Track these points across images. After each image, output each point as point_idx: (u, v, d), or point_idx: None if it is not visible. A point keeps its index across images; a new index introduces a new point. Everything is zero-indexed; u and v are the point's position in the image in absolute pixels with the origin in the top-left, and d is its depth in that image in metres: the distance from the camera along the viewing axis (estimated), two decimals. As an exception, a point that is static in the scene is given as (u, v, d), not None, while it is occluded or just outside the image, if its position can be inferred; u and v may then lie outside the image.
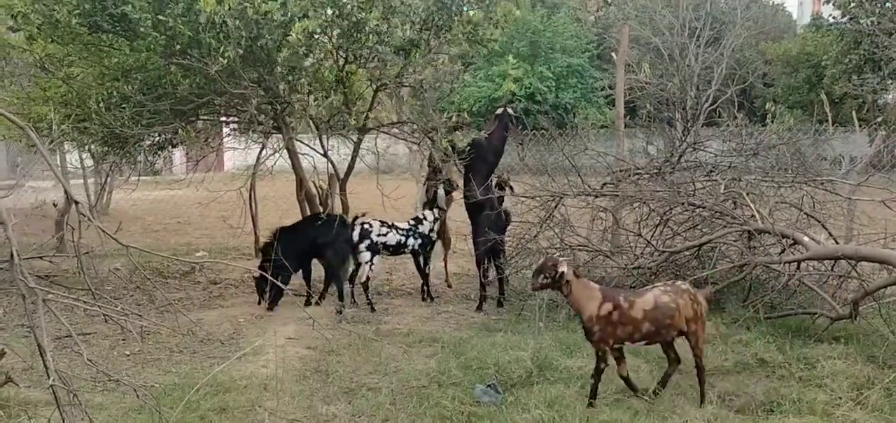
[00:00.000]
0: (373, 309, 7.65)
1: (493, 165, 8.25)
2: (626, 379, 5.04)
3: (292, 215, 8.61)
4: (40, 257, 5.72)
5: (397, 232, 7.98)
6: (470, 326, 7.13)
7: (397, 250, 8.06)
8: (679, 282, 5.15)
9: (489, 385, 5.15)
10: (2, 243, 4.05)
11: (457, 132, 8.04)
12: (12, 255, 3.20)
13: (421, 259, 8.26)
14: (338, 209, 8.73)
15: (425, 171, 9.18)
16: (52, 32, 7.05)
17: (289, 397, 5.13)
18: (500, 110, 8.50)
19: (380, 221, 8.04)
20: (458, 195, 8.33)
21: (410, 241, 8.06)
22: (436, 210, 8.27)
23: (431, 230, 8.21)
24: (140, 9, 6.35)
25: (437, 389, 5.16)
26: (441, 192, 8.32)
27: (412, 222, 8.17)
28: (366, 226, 7.83)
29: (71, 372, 4.98)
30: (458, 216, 8.61)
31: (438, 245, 8.56)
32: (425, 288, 8.30)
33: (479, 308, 7.75)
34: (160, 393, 4.97)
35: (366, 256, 7.77)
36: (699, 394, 4.98)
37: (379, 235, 7.85)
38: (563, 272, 4.79)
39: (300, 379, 5.51)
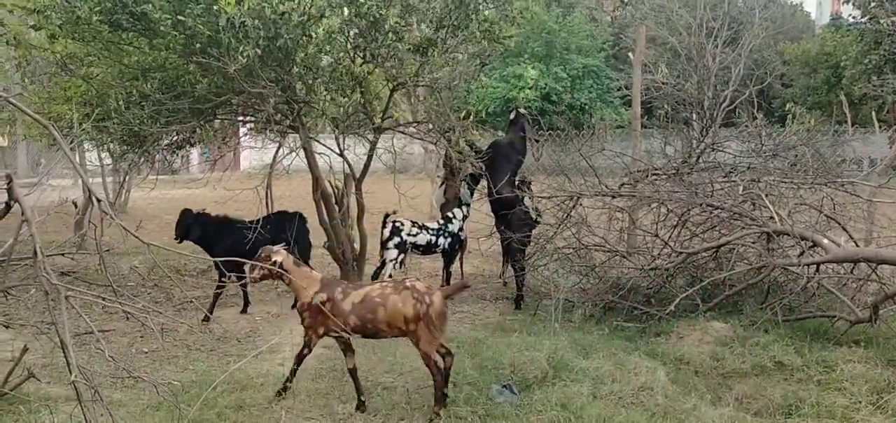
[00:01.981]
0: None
1: (517, 165, 8.27)
2: (352, 373, 5.03)
3: (309, 214, 8.63)
4: (62, 254, 5.79)
5: (428, 232, 7.99)
6: (485, 326, 7.13)
7: (428, 249, 8.07)
8: (411, 280, 5.04)
9: (505, 386, 5.14)
10: (24, 240, 4.10)
11: (474, 133, 8.04)
12: (36, 251, 3.24)
13: (449, 258, 8.26)
14: (353, 209, 8.75)
15: (441, 171, 9.20)
16: (73, 30, 7.11)
17: (305, 395, 5.15)
18: (513, 116, 8.53)
19: (411, 221, 8.05)
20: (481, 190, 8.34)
21: (441, 240, 8.06)
22: (463, 208, 8.26)
23: (461, 229, 8.21)
24: (160, 8, 6.40)
25: (453, 389, 5.16)
26: (465, 190, 8.32)
27: (442, 222, 8.17)
28: (397, 224, 7.83)
29: (90, 368, 5.03)
30: (473, 216, 8.60)
31: None
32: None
33: (518, 306, 7.75)
34: (178, 390, 5.01)
35: (393, 253, 7.78)
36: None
37: (409, 234, 7.85)
38: (278, 261, 4.91)
39: (316, 378, 5.54)
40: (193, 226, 7.52)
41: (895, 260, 6.04)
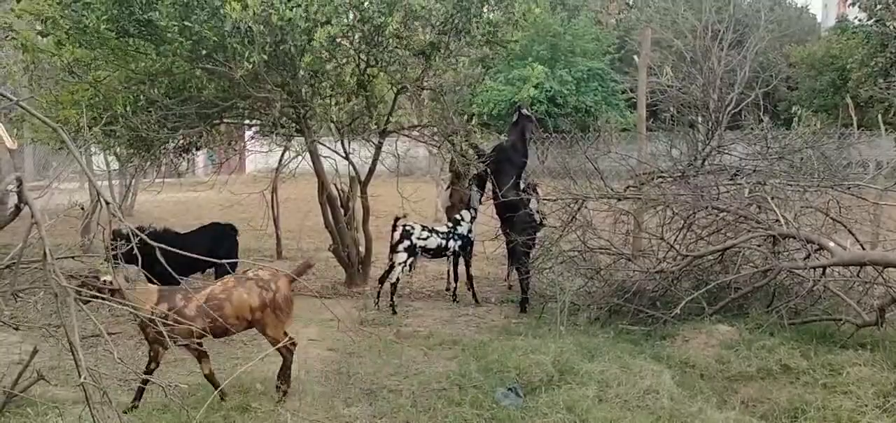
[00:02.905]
0: (394, 312, 7.68)
1: (521, 167, 8.28)
2: (209, 378, 5.02)
3: (314, 217, 8.67)
4: (72, 257, 5.83)
5: (438, 236, 8.02)
6: (490, 329, 7.14)
7: (438, 253, 8.11)
8: (253, 272, 5.08)
9: (510, 389, 5.15)
10: (32, 243, 4.13)
11: (477, 135, 8.06)
12: (45, 254, 3.27)
13: (459, 260, 8.28)
14: (358, 212, 8.79)
15: (446, 174, 9.23)
16: (81, 37, 7.18)
17: (310, 398, 5.16)
18: (515, 117, 8.54)
19: (421, 225, 8.08)
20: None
21: (451, 243, 8.09)
22: (472, 210, 8.29)
23: (470, 231, 8.24)
24: (167, 15, 6.45)
25: (458, 392, 5.17)
26: (475, 192, 8.34)
27: (451, 225, 8.20)
28: (408, 228, 7.87)
29: (98, 370, 5.06)
30: (479, 219, 8.61)
31: None
32: (470, 290, 8.32)
33: (523, 309, 7.76)
34: (185, 393, 5.03)
35: (402, 256, 7.81)
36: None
37: (419, 237, 7.88)
38: (106, 281, 4.70)
39: (322, 380, 5.56)
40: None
41: (901, 263, 6.02)
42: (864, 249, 6.87)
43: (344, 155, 8.69)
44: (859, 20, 22.98)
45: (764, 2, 28.73)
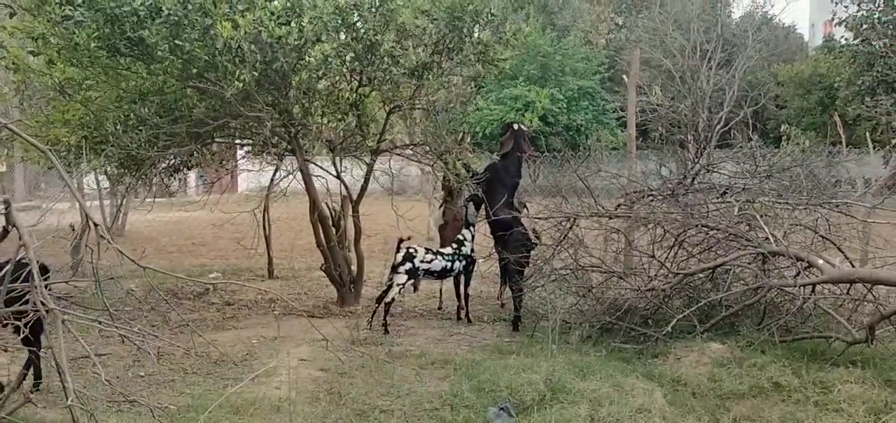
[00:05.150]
0: (386, 331, 7.66)
1: (514, 186, 8.29)
2: None
3: (306, 236, 8.65)
4: (65, 282, 5.78)
5: (443, 258, 8.02)
6: (483, 348, 7.12)
7: (443, 275, 8.11)
8: None
9: (502, 408, 5.13)
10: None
11: (470, 155, 8.09)
12: (32, 275, 3.24)
13: (462, 280, 8.28)
14: (350, 231, 8.77)
15: (439, 193, 9.24)
16: (72, 56, 7.17)
17: (301, 419, 5.13)
18: (507, 134, 8.58)
19: (425, 248, 8.09)
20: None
21: (456, 264, 8.09)
22: (471, 227, 8.30)
23: (472, 250, 8.25)
24: (157, 33, 6.46)
25: (450, 411, 5.15)
26: (472, 208, 8.35)
27: (455, 245, 8.20)
28: (411, 250, 7.87)
29: (86, 392, 5.01)
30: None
31: None
32: (464, 309, 8.32)
33: (515, 328, 7.75)
34: (174, 414, 4.99)
35: (402, 278, 7.81)
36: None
37: (423, 260, 7.89)
38: None
39: (313, 401, 5.52)
40: None
41: (891, 281, 6.06)
42: (853, 266, 6.91)
43: (336, 174, 8.68)
44: (846, 40, 23.27)
45: (752, 22, 28.99)
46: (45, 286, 7.06)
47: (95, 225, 3.82)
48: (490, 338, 7.56)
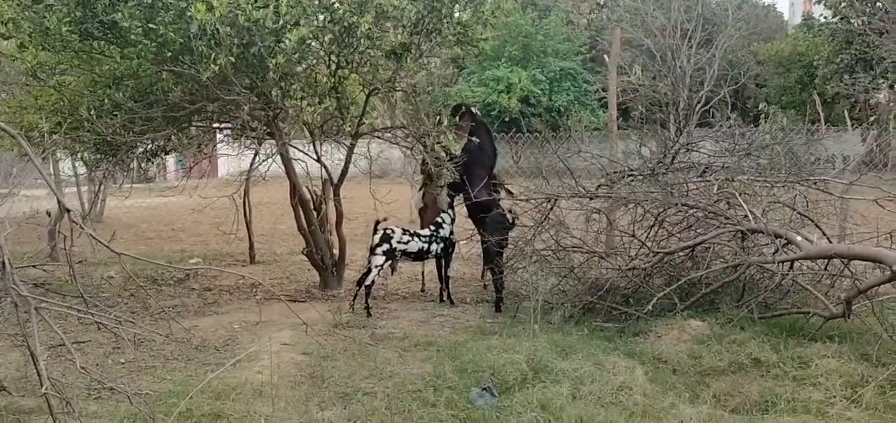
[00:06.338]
0: (369, 314, 7.64)
1: (490, 168, 8.30)
2: None
3: (287, 221, 8.59)
4: (34, 266, 5.71)
5: (420, 240, 8.01)
6: (465, 329, 7.13)
7: (419, 256, 8.10)
8: None
9: (484, 388, 5.14)
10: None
11: (449, 137, 8.05)
12: (4, 263, 3.19)
13: (443, 263, 8.28)
14: (332, 214, 8.72)
15: (419, 176, 9.22)
16: (43, 40, 7.02)
17: (284, 403, 5.11)
18: (463, 120, 8.58)
19: (402, 229, 8.06)
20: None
21: (433, 247, 8.08)
22: (451, 211, 8.30)
23: (451, 232, 8.25)
24: (130, 16, 6.33)
25: (433, 393, 5.15)
26: (444, 195, 8.36)
27: (433, 227, 8.19)
28: (387, 231, 7.85)
29: (64, 380, 4.95)
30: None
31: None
32: (446, 291, 8.34)
33: (498, 309, 7.76)
34: (155, 401, 4.95)
35: (379, 260, 7.79)
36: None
37: (400, 241, 7.87)
38: None
39: (295, 385, 5.50)
40: None
41: (867, 256, 6.13)
42: (830, 242, 6.98)
43: (316, 157, 8.62)
44: (825, 17, 23.44)
45: (732, 1, 29.11)
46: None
47: (68, 211, 3.75)
48: (473, 320, 7.57)
